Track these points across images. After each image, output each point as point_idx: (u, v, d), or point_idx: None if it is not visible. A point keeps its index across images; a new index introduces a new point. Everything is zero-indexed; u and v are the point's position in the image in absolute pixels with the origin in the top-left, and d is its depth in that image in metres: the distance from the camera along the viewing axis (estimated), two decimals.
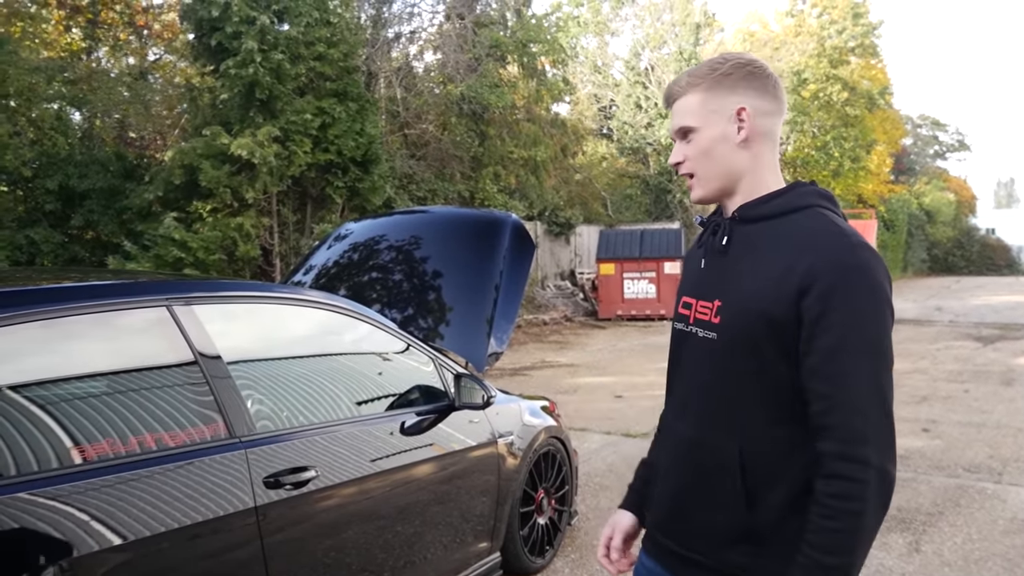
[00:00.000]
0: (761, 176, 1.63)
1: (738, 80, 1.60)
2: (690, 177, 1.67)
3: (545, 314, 19.65)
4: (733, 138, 1.60)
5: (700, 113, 1.61)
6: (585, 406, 8.87)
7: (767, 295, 1.49)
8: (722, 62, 1.62)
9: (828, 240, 1.49)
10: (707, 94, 1.61)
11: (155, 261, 11.95)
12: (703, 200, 1.67)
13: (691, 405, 1.66)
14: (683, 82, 1.65)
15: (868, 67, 33.57)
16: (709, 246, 1.67)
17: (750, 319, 1.52)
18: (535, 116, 20.90)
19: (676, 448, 1.70)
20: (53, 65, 14.28)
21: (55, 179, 13.16)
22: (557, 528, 4.40)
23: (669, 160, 1.71)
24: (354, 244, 4.84)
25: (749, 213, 1.61)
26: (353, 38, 14.40)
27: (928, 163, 60.56)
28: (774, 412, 1.53)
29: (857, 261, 1.46)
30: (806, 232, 1.52)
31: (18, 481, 1.97)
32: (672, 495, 1.70)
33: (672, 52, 28.72)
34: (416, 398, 3.41)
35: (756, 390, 1.54)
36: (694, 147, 1.63)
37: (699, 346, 1.64)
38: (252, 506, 2.41)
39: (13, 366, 2.16)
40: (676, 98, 1.66)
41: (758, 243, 1.57)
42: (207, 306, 2.65)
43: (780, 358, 1.50)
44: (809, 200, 1.59)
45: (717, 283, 1.62)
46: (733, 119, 1.59)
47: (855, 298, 1.44)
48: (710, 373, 1.61)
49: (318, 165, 13.52)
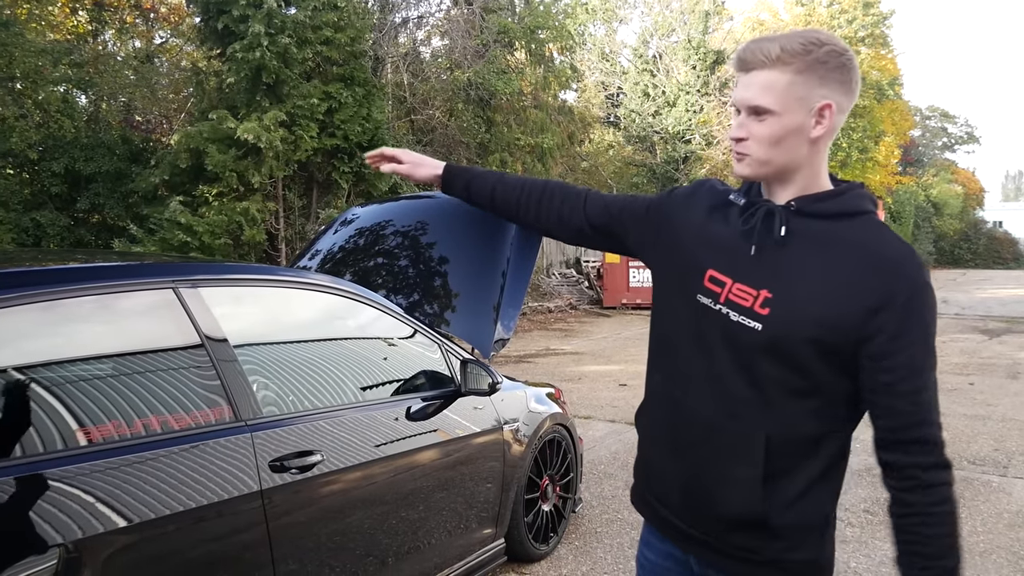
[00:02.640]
0: (818, 171, 1.56)
1: (831, 70, 1.48)
2: (744, 154, 1.55)
3: (550, 302, 19.64)
4: (808, 132, 1.50)
5: (785, 98, 1.48)
6: (590, 394, 8.87)
7: (834, 304, 1.46)
8: (817, 44, 1.47)
9: (901, 261, 1.47)
10: (797, 77, 1.47)
11: (161, 245, 11.95)
12: (747, 179, 1.60)
13: (711, 386, 1.59)
14: (773, 52, 1.48)
15: (878, 57, 33.41)
16: (760, 233, 1.55)
17: (808, 322, 1.47)
18: (542, 103, 20.81)
19: (686, 426, 1.63)
20: (59, 47, 14.24)
21: (61, 162, 13.17)
22: (561, 515, 4.40)
23: (731, 133, 1.57)
24: (360, 229, 4.81)
25: (809, 208, 1.53)
26: (360, 23, 14.33)
27: (936, 155, 60.34)
28: (806, 407, 1.52)
29: (926, 279, 1.47)
30: (878, 248, 1.49)
31: (24, 462, 1.96)
32: (680, 473, 1.66)
33: (681, 40, 28.58)
34: (422, 383, 3.40)
35: (790, 385, 1.51)
36: (765, 130, 1.50)
37: (728, 330, 1.55)
38: (258, 490, 2.40)
39: (19, 347, 2.15)
40: (757, 68, 1.50)
41: (820, 243, 1.51)
42: (213, 289, 2.64)
43: (823, 362, 1.49)
44: (866, 205, 1.54)
45: (768, 273, 1.53)
46: (814, 113, 1.49)
47: (926, 316, 1.46)
48: (743, 361, 1.54)
49: (324, 150, 13.49)
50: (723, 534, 1.60)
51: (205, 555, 2.29)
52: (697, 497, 1.63)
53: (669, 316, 1.71)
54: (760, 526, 1.55)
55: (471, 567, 3.59)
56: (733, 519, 1.57)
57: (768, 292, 1.52)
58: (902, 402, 1.46)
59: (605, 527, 4.71)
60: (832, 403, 1.52)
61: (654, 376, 1.77)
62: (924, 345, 1.46)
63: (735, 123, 1.56)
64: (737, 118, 1.55)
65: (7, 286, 2.13)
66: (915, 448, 1.46)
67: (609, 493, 5.33)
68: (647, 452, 1.79)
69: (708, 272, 1.61)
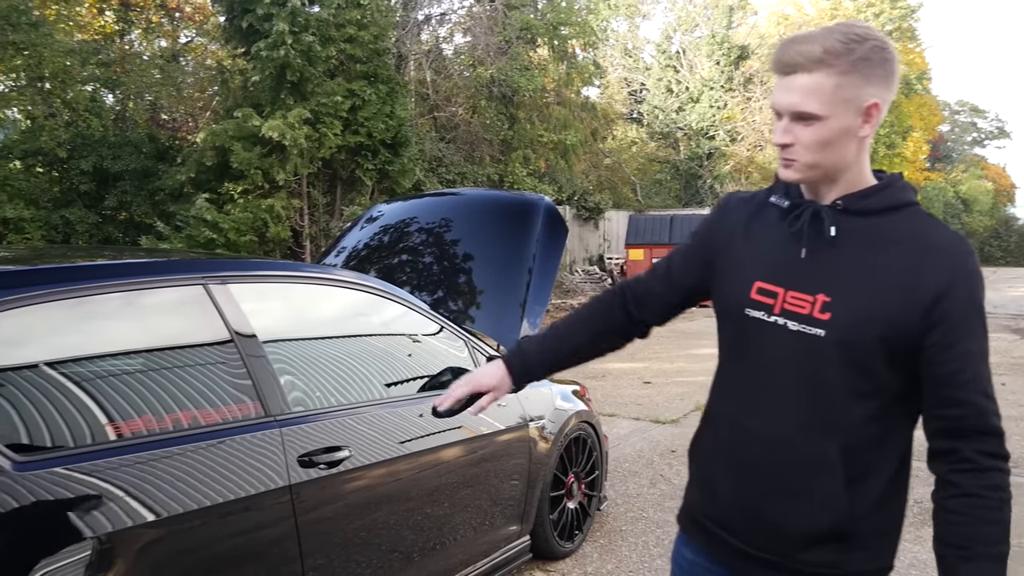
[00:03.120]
0: (863, 167, 1.51)
1: (875, 66, 1.42)
2: (791, 159, 1.49)
3: (573, 299, 19.62)
4: (856, 132, 1.45)
5: (831, 101, 1.41)
6: (614, 391, 8.85)
7: (892, 300, 1.44)
8: (859, 40, 1.41)
9: (954, 250, 1.46)
10: (843, 79, 1.41)
11: (187, 242, 12.07)
12: (795, 182, 1.54)
13: (775, 402, 1.54)
14: (815, 54, 1.41)
15: (905, 51, 33.09)
16: (809, 235, 1.51)
17: (872, 321, 1.44)
18: (565, 100, 20.81)
19: (747, 446, 1.58)
20: (87, 47, 14.42)
21: (89, 160, 13.32)
22: (586, 513, 4.39)
23: (776, 139, 1.50)
24: (385, 226, 4.84)
25: (856, 205, 1.50)
26: (383, 20, 14.39)
27: (966, 150, 59.66)
28: (872, 409, 1.49)
29: (978, 267, 1.46)
30: (929, 238, 1.47)
31: (55, 456, 1.98)
32: (742, 494, 1.60)
33: (704, 35, 28.45)
34: (448, 380, 3.40)
35: (857, 389, 1.47)
36: (812, 135, 1.44)
37: (792, 340, 1.51)
38: (286, 485, 2.41)
39: (51, 342, 2.18)
40: (799, 71, 1.43)
41: (872, 240, 1.48)
42: (242, 285, 2.65)
43: (886, 360, 1.46)
44: (910, 196, 1.52)
45: (823, 276, 1.49)
46: (862, 112, 1.43)
47: (980, 307, 1.45)
48: (808, 370, 1.49)
49: (348, 147, 13.55)
50: (798, 553, 1.54)
51: (235, 549, 2.30)
52: (767, 518, 1.56)
53: (725, 338, 1.68)
54: (842, 538, 1.50)
55: (496, 564, 3.59)
56: (813, 535, 1.52)
57: (826, 296, 1.48)
58: (964, 392, 1.43)
59: (630, 525, 4.70)
60: (893, 402, 1.49)
61: (713, 401, 1.72)
62: (982, 332, 1.45)
63: (779, 128, 1.49)
64: (780, 122, 1.49)
65: (42, 282, 2.15)
66: (976, 437, 1.43)
67: (634, 491, 5.32)
68: (706, 475, 1.71)
69: (755, 284, 1.57)
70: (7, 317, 2.02)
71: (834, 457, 1.48)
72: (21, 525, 1.85)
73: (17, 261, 2.59)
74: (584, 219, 23.32)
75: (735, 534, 1.62)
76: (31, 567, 1.82)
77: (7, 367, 2.03)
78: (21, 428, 1.97)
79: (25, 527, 1.86)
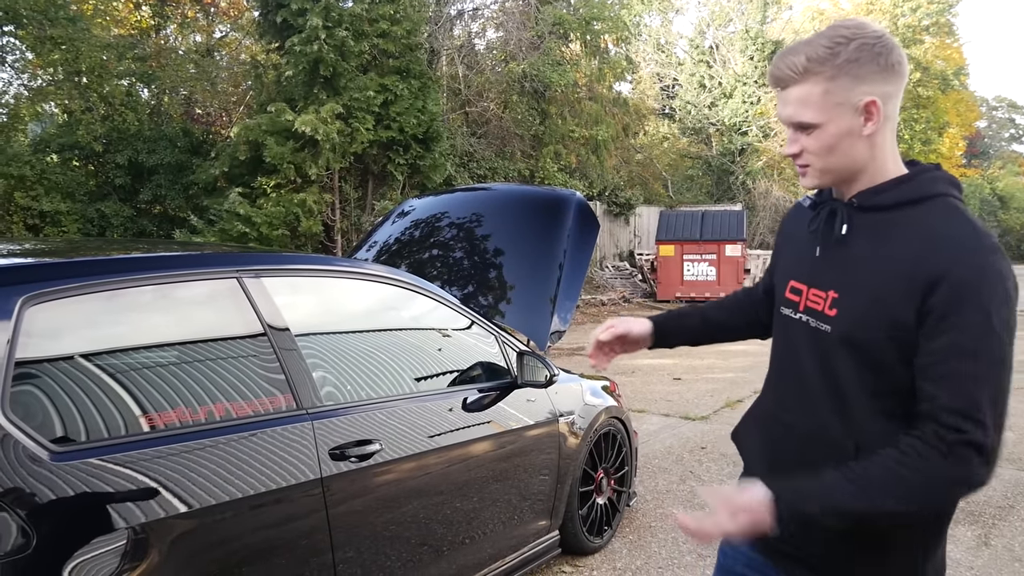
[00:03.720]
0: (882, 162, 1.49)
1: (864, 65, 1.42)
2: (804, 166, 1.52)
3: (603, 295, 19.57)
4: (859, 131, 1.45)
5: (823, 108, 1.44)
6: (644, 388, 8.82)
7: (892, 294, 1.41)
8: (843, 42, 1.42)
9: (960, 238, 1.39)
10: (830, 84, 1.43)
11: (220, 235, 12.18)
12: (814, 188, 1.57)
13: (800, 397, 1.58)
14: (799, 66, 1.44)
15: (943, 46, 32.56)
16: (823, 233, 1.55)
17: (870, 316, 1.44)
18: (597, 95, 20.73)
19: (783, 441, 1.62)
20: (123, 42, 14.60)
21: (125, 154, 13.49)
22: (616, 509, 4.38)
23: (784, 150, 1.55)
24: (416, 221, 4.85)
25: (869, 201, 1.49)
26: (416, 15, 14.42)
27: (1003, 147, 58.73)
28: (887, 406, 1.46)
29: (986, 261, 1.37)
30: (937, 229, 1.42)
31: (91, 447, 2.00)
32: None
33: (738, 30, 28.21)
34: (478, 375, 3.41)
35: (870, 385, 1.47)
36: (816, 142, 1.47)
37: (810, 336, 1.55)
38: (318, 477, 2.43)
39: (87, 334, 2.21)
40: (790, 84, 1.47)
41: (882, 235, 1.47)
42: (275, 278, 2.67)
43: (896, 357, 1.43)
44: (938, 188, 1.47)
45: (834, 273, 1.52)
46: (860, 112, 1.44)
47: (980, 301, 1.35)
48: (822, 366, 1.52)
49: (380, 142, 13.60)
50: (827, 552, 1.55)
51: (266, 541, 2.32)
52: None
53: (773, 338, 1.74)
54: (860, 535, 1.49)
55: (525, 558, 3.60)
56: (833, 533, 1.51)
57: (835, 292, 1.51)
58: (935, 387, 1.37)
59: (659, 521, 4.68)
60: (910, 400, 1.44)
61: (759, 397, 1.77)
62: (977, 331, 1.35)
63: (788, 139, 1.54)
64: (789, 134, 1.53)
65: (78, 275, 2.18)
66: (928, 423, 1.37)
67: (663, 487, 5.29)
68: (753, 471, 1.72)
69: (789, 283, 1.63)
70: (44, 309, 2.05)
71: (849, 456, 1.47)
72: (57, 514, 1.88)
73: (54, 254, 2.62)
74: (615, 215, 23.24)
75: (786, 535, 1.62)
76: (67, 555, 1.85)
77: (44, 358, 2.06)
78: (57, 419, 2.00)
79: (61, 516, 1.88)
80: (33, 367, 2.01)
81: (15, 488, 1.81)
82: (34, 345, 2.00)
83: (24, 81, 14.35)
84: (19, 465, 1.83)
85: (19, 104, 13.87)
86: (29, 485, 1.83)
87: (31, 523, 1.80)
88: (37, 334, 2.02)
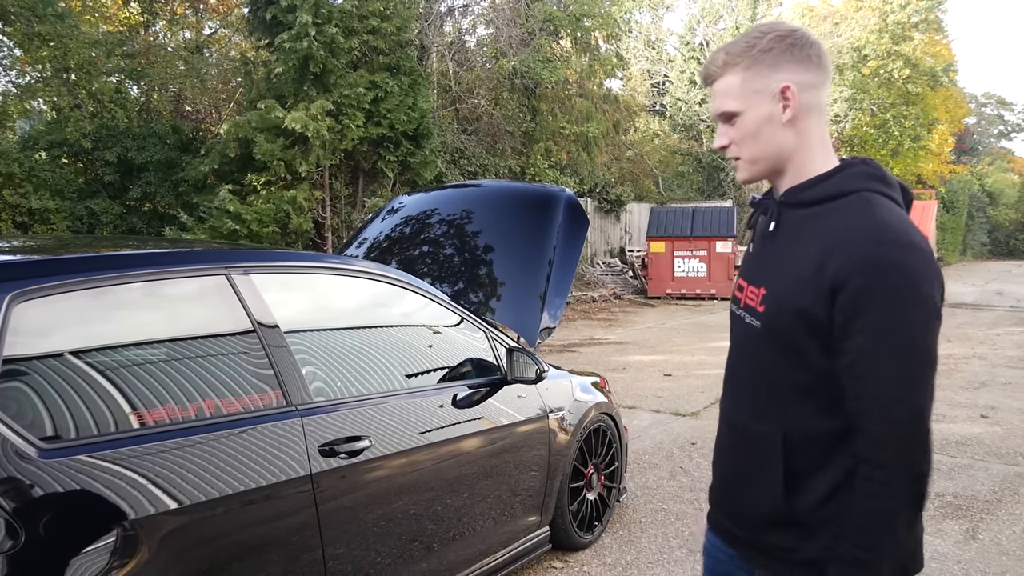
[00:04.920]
0: (809, 155, 1.55)
1: (779, 55, 1.51)
2: (736, 159, 1.60)
3: (594, 291, 19.59)
4: (779, 118, 1.53)
5: (741, 95, 1.53)
6: (634, 384, 8.83)
7: (804, 291, 1.46)
8: (759, 36, 1.53)
9: (863, 236, 1.41)
10: (747, 73, 1.53)
11: (210, 232, 12.14)
12: (749, 181, 1.63)
13: (739, 390, 1.68)
14: (719, 61, 1.56)
15: (932, 43, 32.59)
16: (760, 230, 1.64)
17: (788, 313, 1.50)
18: (587, 92, 20.72)
19: (730, 432, 1.71)
20: (112, 39, 14.52)
21: (114, 151, 13.43)
22: (606, 504, 4.39)
23: (714, 144, 1.64)
24: (406, 217, 4.85)
25: (795, 198, 1.56)
26: (406, 12, 14.37)
27: (992, 143, 58.95)
28: (817, 402, 1.51)
29: (891, 259, 1.38)
30: (843, 225, 1.45)
31: (79, 444, 2.00)
32: (723, 476, 1.75)
33: (728, 27, 28.24)
34: (468, 371, 3.42)
35: (799, 380, 1.52)
36: (738, 131, 1.56)
37: (746, 332, 1.63)
38: (307, 473, 2.43)
39: (76, 331, 2.20)
40: (714, 79, 1.58)
41: (799, 232, 1.53)
42: (264, 275, 2.67)
43: (821, 351, 1.47)
44: (857, 184, 1.50)
45: (764, 270, 1.60)
46: (778, 98, 1.52)
47: (886, 300, 1.38)
48: (754, 360, 1.61)
49: (370, 139, 13.58)
50: (763, 535, 1.62)
51: (256, 537, 2.32)
52: (737, 500, 1.69)
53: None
54: (792, 524, 1.55)
55: (516, 554, 3.61)
56: (766, 518, 1.60)
57: (764, 289, 1.57)
58: (853, 385, 1.43)
59: (650, 517, 4.69)
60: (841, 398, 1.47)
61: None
62: (885, 332, 1.38)
63: (717, 133, 1.62)
64: (719, 129, 1.61)
65: (67, 272, 2.18)
66: (859, 436, 1.44)
67: (654, 483, 5.31)
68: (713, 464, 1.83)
69: (738, 281, 1.71)
70: (32, 306, 2.05)
71: (776, 448, 1.55)
72: (46, 511, 1.88)
73: (42, 251, 2.62)
74: (606, 211, 23.26)
75: (727, 516, 1.73)
76: (56, 552, 1.85)
77: (32, 356, 2.05)
78: (46, 416, 2.00)
79: (50, 513, 1.88)
80: (21, 364, 2.01)
81: (3, 484, 1.81)
82: (22, 342, 2.00)
83: (12, 78, 14.26)
84: (7, 462, 1.83)
85: (7, 101, 13.78)
86: (17, 482, 1.83)
87: (19, 520, 1.80)
88: (25, 331, 2.01)
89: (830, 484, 1.51)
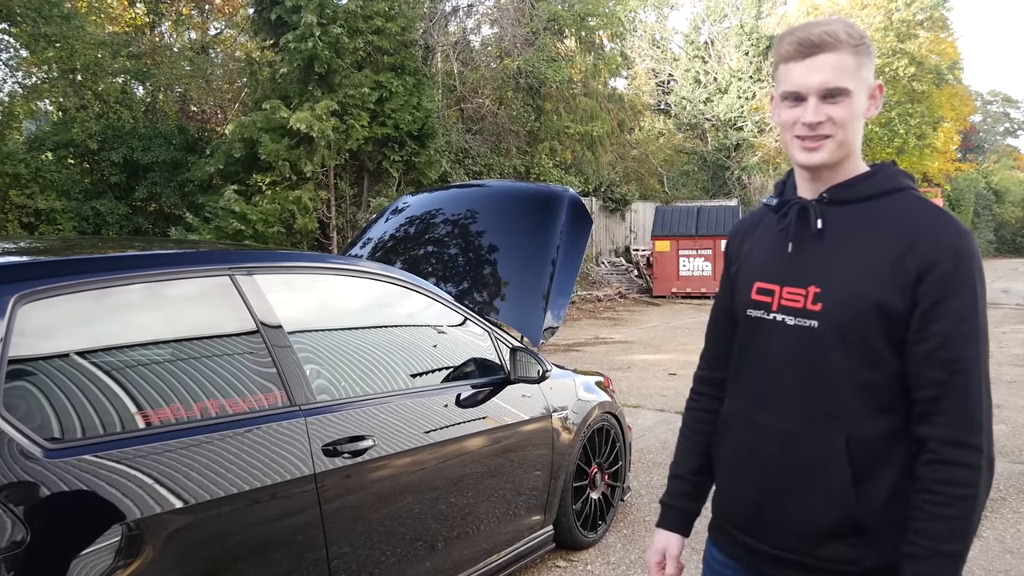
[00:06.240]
0: (857, 155, 1.55)
1: (872, 56, 1.53)
2: (822, 138, 1.49)
3: (599, 290, 19.58)
4: (865, 113, 1.53)
5: (856, 78, 1.48)
6: (639, 383, 8.83)
7: (880, 282, 1.45)
8: (861, 34, 1.50)
9: (945, 225, 1.46)
10: (861, 59, 1.49)
11: (216, 233, 12.18)
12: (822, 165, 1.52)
13: (782, 396, 1.57)
14: (842, 34, 1.47)
15: (937, 41, 32.55)
16: (796, 230, 1.56)
17: (860, 307, 1.46)
18: (592, 91, 20.72)
19: (763, 443, 1.60)
20: (118, 40, 14.58)
21: (120, 152, 13.47)
22: (610, 503, 4.40)
23: (805, 118, 1.49)
24: (411, 217, 4.86)
25: (841, 195, 1.53)
26: (411, 12, 14.41)
27: (998, 141, 58.78)
28: (878, 400, 1.48)
29: (969, 248, 1.45)
30: (915, 216, 1.48)
31: (84, 443, 2.02)
32: (760, 492, 1.61)
33: (733, 26, 28.18)
34: (472, 371, 3.42)
35: (861, 378, 1.48)
36: (844, 111, 1.47)
37: (790, 335, 1.54)
38: (311, 473, 2.44)
39: (81, 331, 2.22)
40: (828, 50, 1.46)
41: (858, 227, 1.51)
42: (268, 276, 2.68)
43: (887, 346, 1.46)
44: (901, 182, 1.54)
45: (812, 268, 1.53)
46: (871, 93, 1.53)
47: (970, 285, 1.43)
48: (809, 363, 1.52)
49: (375, 139, 13.60)
50: (816, 549, 1.54)
51: (260, 537, 2.33)
52: (784, 514, 1.57)
53: (736, 343, 1.71)
54: (858, 532, 1.50)
55: (520, 553, 3.61)
56: (827, 530, 1.52)
57: (816, 287, 1.51)
58: (938, 372, 1.42)
59: (654, 516, 4.67)
60: (903, 393, 1.47)
61: (727, 405, 1.74)
62: (967, 316, 1.42)
63: (808, 109, 1.48)
64: (801, 105, 1.50)
65: (72, 273, 2.19)
66: (942, 420, 1.42)
67: (658, 482, 5.31)
68: (725, 480, 1.73)
69: (755, 285, 1.63)
70: (37, 307, 2.06)
71: (840, 452, 1.48)
72: (52, 511, 1.89)
73: (47, 252, 2.63)
74: (611, 210, 23.25)
75: (759, 537, 1.62)
76: (62, 552, 1.86)
77: (38, 356, 2.06)
78: (51, 416, 2.01)
79: (56, 513, 1.89)
80: (27, 365, 2.02)
81: (9, 485, 1.82)
82: (28, 343, 2.01)
83: (19, 79, 14.33)
84: (13, 462, 1.84)
85: (14, 102, 13.85)
86: (23, 482, 1.84)
87: (25, 520, 1.81)
88: (31, 332, 2.02)
89: (892, 484, 1.48)
